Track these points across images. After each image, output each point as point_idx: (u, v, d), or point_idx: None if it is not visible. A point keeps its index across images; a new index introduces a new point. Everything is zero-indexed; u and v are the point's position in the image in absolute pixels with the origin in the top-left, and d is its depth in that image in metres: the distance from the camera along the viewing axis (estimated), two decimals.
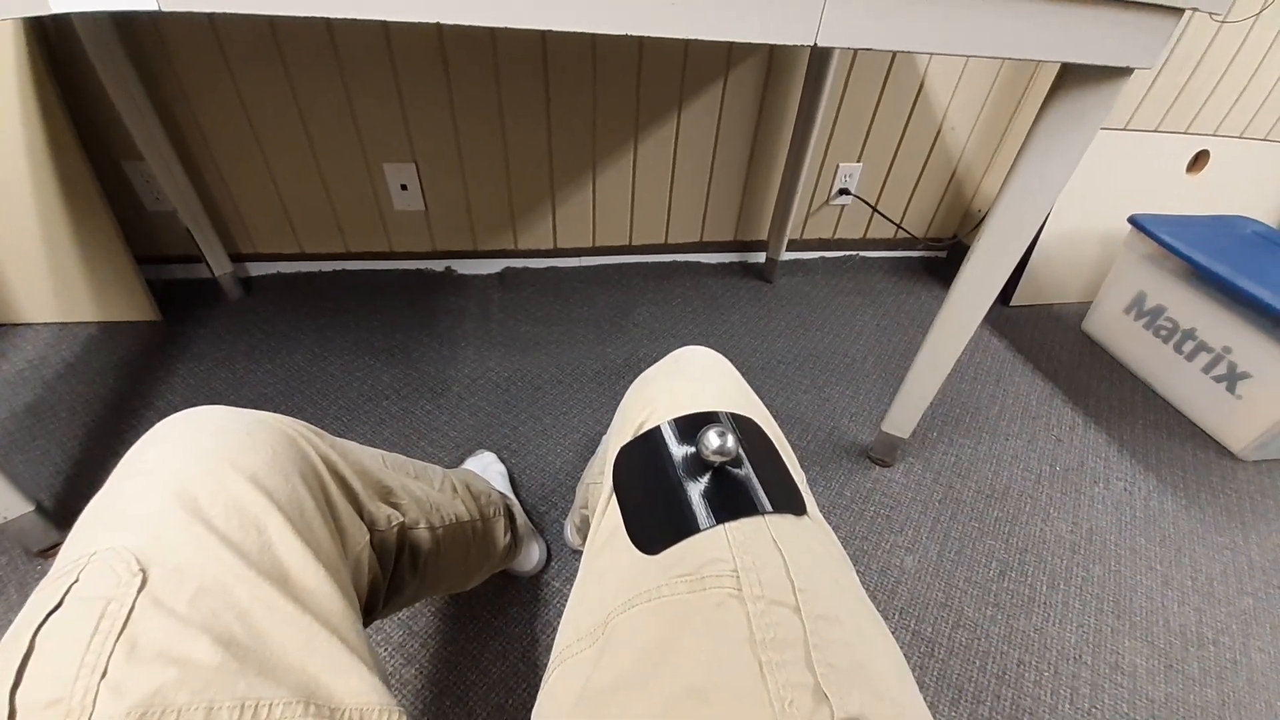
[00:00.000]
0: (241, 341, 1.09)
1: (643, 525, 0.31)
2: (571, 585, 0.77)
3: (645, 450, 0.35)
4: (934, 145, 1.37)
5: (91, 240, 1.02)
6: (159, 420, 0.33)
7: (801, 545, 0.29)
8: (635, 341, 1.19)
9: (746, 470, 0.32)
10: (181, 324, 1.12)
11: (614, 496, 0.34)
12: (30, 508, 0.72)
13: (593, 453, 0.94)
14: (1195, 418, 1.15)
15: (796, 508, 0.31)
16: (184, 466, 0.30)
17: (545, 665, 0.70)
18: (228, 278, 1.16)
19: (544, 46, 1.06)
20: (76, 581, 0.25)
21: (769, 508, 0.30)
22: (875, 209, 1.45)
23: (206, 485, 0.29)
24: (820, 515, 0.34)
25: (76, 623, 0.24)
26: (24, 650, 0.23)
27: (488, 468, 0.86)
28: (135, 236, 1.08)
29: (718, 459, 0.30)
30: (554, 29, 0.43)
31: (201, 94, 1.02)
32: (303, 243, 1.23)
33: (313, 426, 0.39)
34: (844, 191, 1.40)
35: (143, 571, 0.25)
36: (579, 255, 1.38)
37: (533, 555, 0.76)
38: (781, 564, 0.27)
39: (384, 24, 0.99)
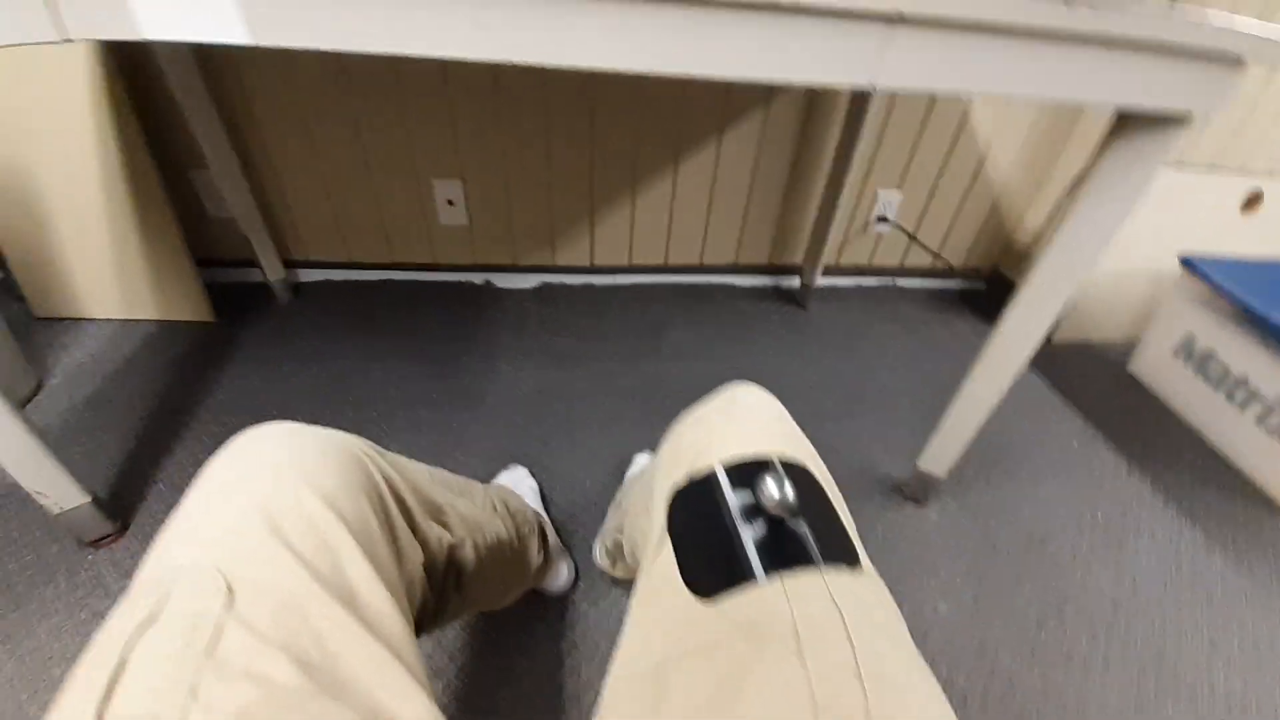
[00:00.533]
0: (289, 345, 1.13)
1: (697, 570, 0.32)
2: (599, 608, 0.78)
3: (700, 494, 0.35)
4: (976, 176, 1.35)
5: (156, 243, 1.07)
6: (209, 418, 0.35)
7: (859, 601, 0.29)
8: (668, 361, 1.19)
9: (802, 519, 0.32)
10: (233, 326, 1.16)
11: (667, 539, 0.34)
12: (87, 499, 0.74)
13: (623, 472, 0.94)
14: (1247, 471, 1.11)
15: (852, 560, 0.31)
16: (266, 485, 0.31)
17: (570, 687, 0.70)
18: (279, 283, 1.21)
19: (592, 74, 1.08)
20: (168, 595, 0.26)
21: (825, 560, 0.30)
22: (914, 238, 1.44)
23: (286, 505, 0.30)
24: (872, 567, 0.34)
25: (168, 639, 0.24)
26: (114, 664, 0.23)
27: (520, 482, 0.87)
28: (196, 241, 1.13)
29: (775, 509, 0.31)
30: (626, 70, 0.44)
31: (266, 108, 1.07)
32: (351, 251, 1.27)
33: (374, 444, 0.41)
34: (883, 219, 1.39)
35: (229, 588, 0.26)
36: (615, 273, 1.39)
37: (561, 574, 0.77)
38: (840, 622, 0.27)
39: None
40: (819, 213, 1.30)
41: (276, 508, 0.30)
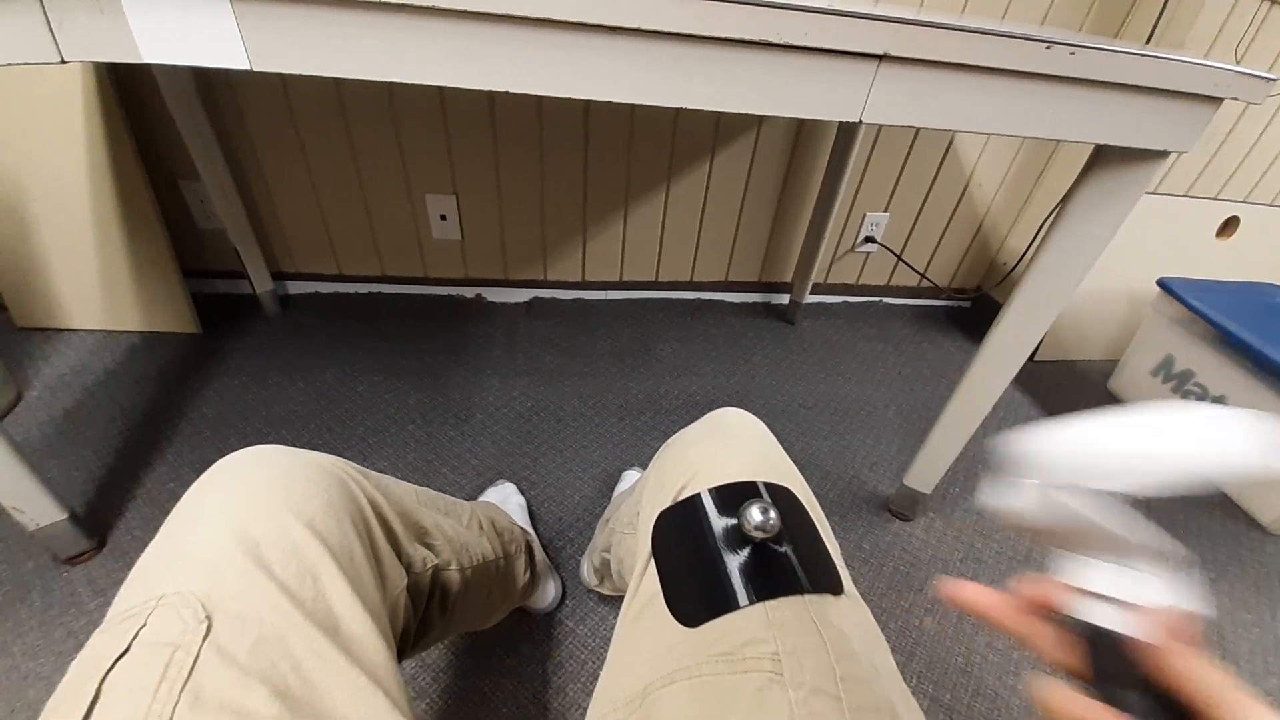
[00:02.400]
0: (276, 357, 1.12)
1: (682, 596, 0.32)
2: (586, 625, 0.77)
3: (685, 518, 0.35)
4: (961, 199, 1.38)
5: (143, 253, 1.06)
6: (191, 431, 0.35)
7: (841, 628, 0.29)
8: (657, 377, 1.20)
9: (786, 546, 0.32)
10: (220, 337, 1.15)
11: (652, 562, 0.35)
12: (64, 515, 0.73)
13: (612, 489, 0.94)
14: (1224, 487, 1.13)
15: (835, 586, 0.32)
16: (246, 511, 0.31)
17: (556, 707, 0.70)
18: (268, 294, 1.20)
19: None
20: (144, 626, 0.26)
21: (809, 586, 0.31)
22: (900, 258, 1.46)
23: (267, 531, 0.30)
24: (856, 591, 0.35)
25: (144, 670, 0.24)
26: (90, 696, 0.23)
27: (507, 499, 0.87)
28: (184, 251, 1.13)
29: (759, 535, 0.31)
30: (623, 101, 0.45)
31: (260, 120, 1.07)
32: (341, 264, 1.27)
33: (358, 466, 0.40)
34: (870, 240, 1.42)
35: (208, 618, 0.26)
36: (606, 288, 1.40)
37: (549, 592, 0.76)
38: (824, 648, 0.28)
39: None
40: (808, 232, 1.32)
41: (258, 534, 0.30)
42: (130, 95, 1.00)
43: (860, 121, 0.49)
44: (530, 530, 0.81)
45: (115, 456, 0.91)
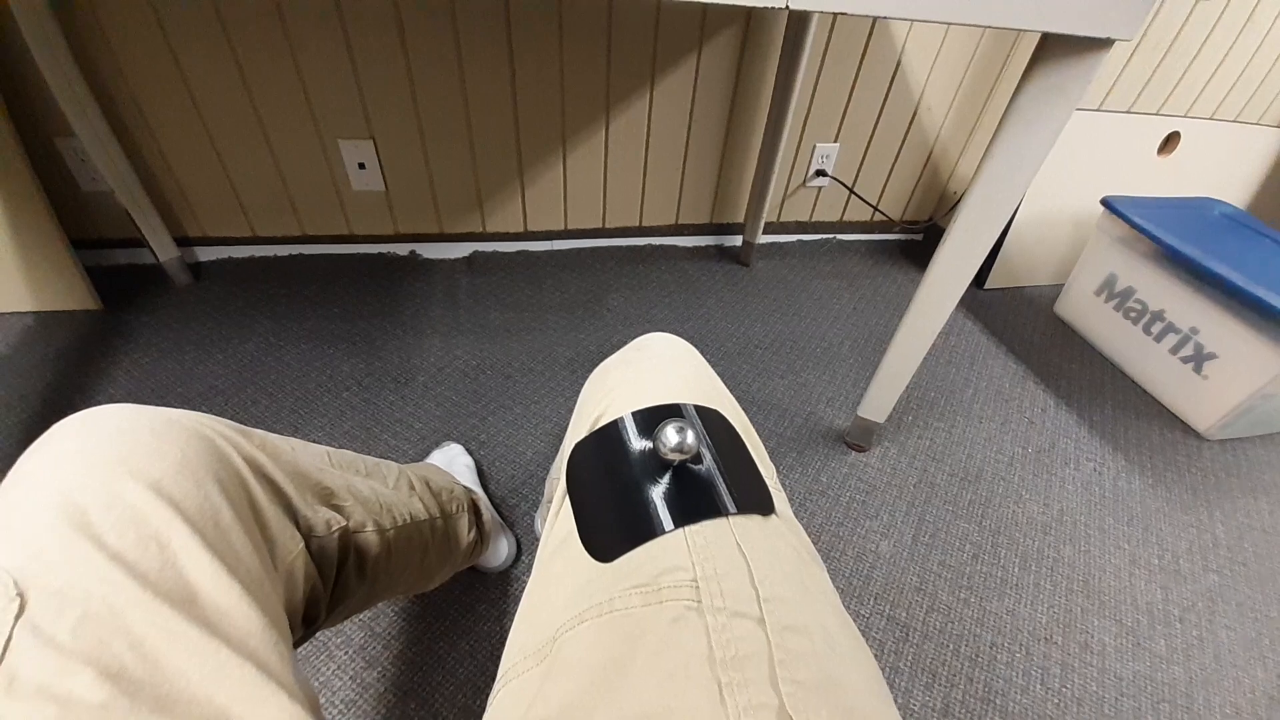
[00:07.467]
0: (190, 330, 1.03)
1: (596, 530, 0.29)
2: None
3: (602, 446, 0.32)
4: (910, 126, 1.35)
5: (22, 224, 0.94)
6: None
7: (768, 549, 0.27)
8: (609, 327, 1.16)
9: (709, 467, 0.30)
10: (124, 312, 1.05)
11: (567, 498, 0.31)
12: None
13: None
14: (1162, 398, 1.17)
15: (764, 507, 0.29)
16: (73, 475, 0.26)
17: None
18: (174, 263, 1.10)
19: (507, 13, 1.00)
20: None
21: (733, 508, 0.28)
22: (852, 191, 1.43)
23: (98, 496, 0.26)
24: (790, 513, 0.32)
25: None
26: None
27: (454, 460, 0.83)
28: (71, 219, 1.01)
29: (676, 456, 0.28)
30: None
31: (136, 65, 0.94)
32: (255, 225, 1.16)
33: (238, 425, 0.36)
34: (821, 173, 1.38)
35: (20, 596, 0.23)
36: (550, 239, 1.33)
37: (501, 551, 0.74)
38: (746, 571, 0.25)
39: None
40: (757, 168, 1.27)
41: (85, 500, 0.25)
42: None
43: (787, 8, 0.45)
44: (478, 489, 0.78)
45: (17, 445, 0.83)
